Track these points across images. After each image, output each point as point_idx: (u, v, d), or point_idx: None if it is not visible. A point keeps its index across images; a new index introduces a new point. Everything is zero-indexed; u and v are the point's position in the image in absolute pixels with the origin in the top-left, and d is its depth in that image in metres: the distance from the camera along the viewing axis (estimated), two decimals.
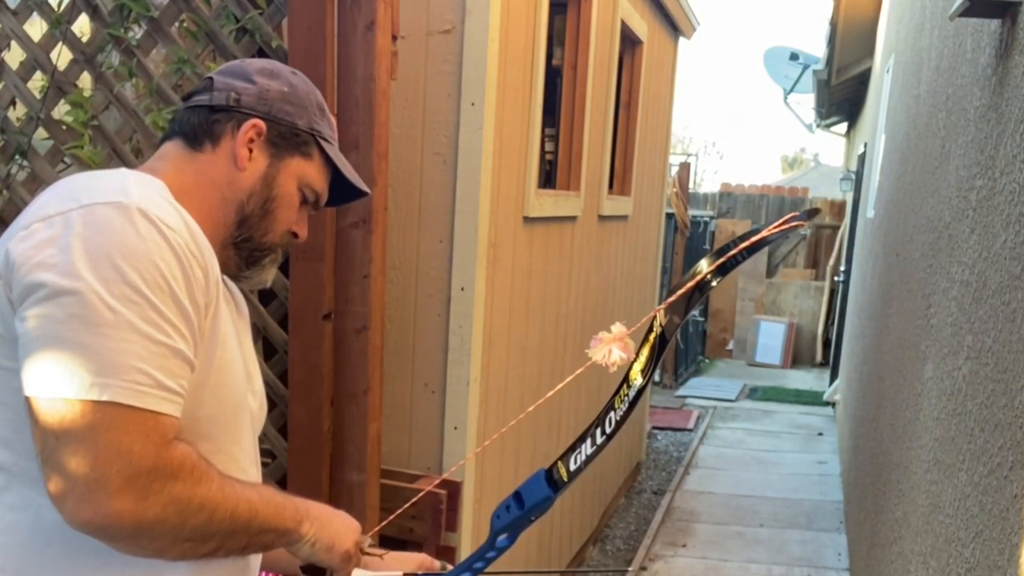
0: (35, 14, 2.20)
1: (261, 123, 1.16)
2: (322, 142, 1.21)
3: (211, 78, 1.19)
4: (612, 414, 1.26)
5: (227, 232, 1.16)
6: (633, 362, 1.21)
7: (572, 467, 1.28)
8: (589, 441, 1.27)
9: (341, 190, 1.27)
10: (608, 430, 1.25)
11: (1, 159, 2.23)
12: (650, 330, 1.20)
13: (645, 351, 1.20)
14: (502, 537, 1.31)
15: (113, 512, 0.91)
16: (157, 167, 1.14)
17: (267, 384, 2.16)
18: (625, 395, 1.24)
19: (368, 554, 1.26)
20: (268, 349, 2.20)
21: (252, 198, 1.16)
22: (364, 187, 1.28)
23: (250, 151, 1.16)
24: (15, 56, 2.24)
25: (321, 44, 1.99)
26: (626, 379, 1.23)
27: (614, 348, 1.19)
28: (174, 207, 1.03)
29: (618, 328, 1.19)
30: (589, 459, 1.27)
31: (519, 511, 1.29)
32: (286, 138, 1.18)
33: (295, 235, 1.23)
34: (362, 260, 2.10)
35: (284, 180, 1.18)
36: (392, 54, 2.09)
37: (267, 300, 2.18)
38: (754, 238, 1.11)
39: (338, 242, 2.10)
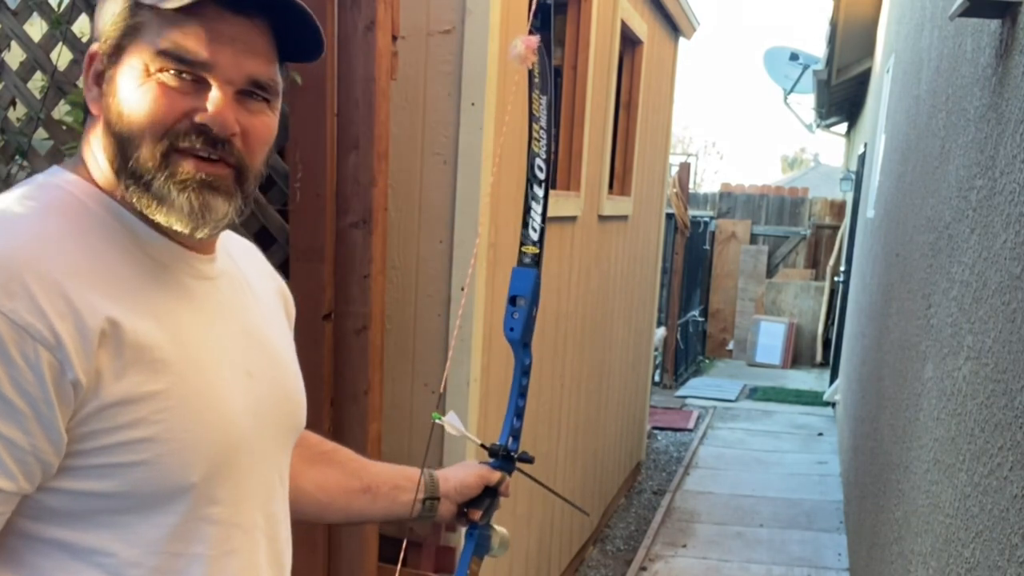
0: (35, 14, 2.20)
1: (95, 47, 0.89)
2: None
3: None
4: (536, 160, 1.27)
5: (118, 183, 0.88)
6: (529, 105, 1.26)
7: (536, 236, 1.28)
8: (534, 205, 1.28)
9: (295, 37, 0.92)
10: (542, 176, 1.27)
11: (1, 159, 2.24)
12: (531, 76, 1.26)
13: (534, 97, 1.27)
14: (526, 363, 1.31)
15: None
16: (80, 152, 0.92)
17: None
18: (538, 135, 1.26)
19: None
20: None
21: (109, 131, 0.88)
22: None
23: (99, 86, 0.89)
24: (15, 56, 2.24)
25: None
26: (531, 118, 1.27)
27: (517, 45, 1.22)
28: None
29: (519, 47, 1.23)
30: (543, 216, 1.28)
31: (525, 309, 1.28)
32: (113, 37, 0.88)
33: (203, 127, 0.86)
34: (362, 260, 2.10)
35: (126, 83, 0.86)
36: (392, 54, 2.09)
37: None
38: None
39: (338, 242, 2.10)
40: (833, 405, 7.40)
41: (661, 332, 8.05)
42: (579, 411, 3.95)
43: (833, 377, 7.87)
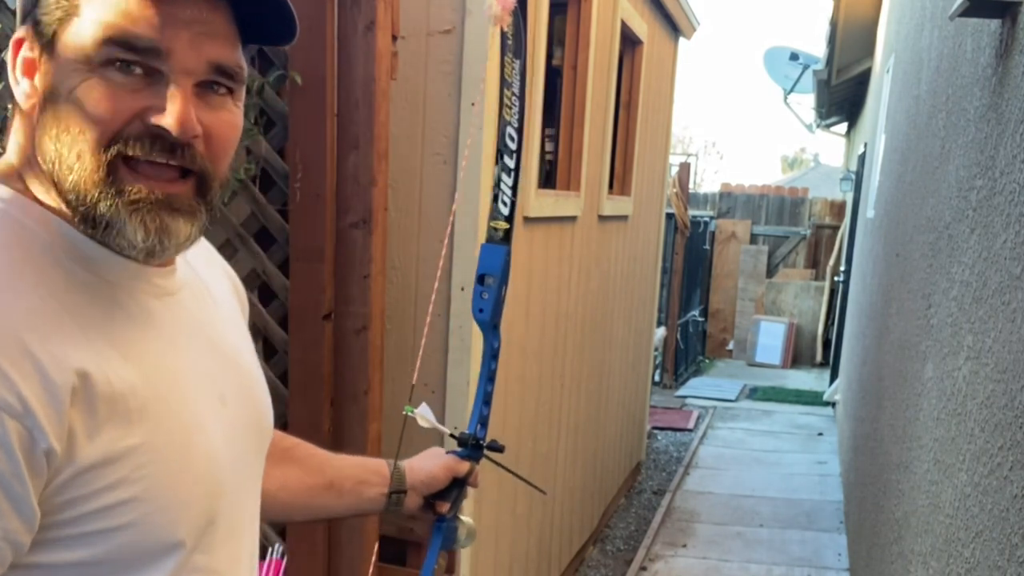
0: None
1: (21, 32, 0.76)
2: None
3: None
4: (508, 129, 1.20)
5: (66, 206, 0.75)
6: (501, 69, 1.19)
7: (505, 211, 1.21)
8: (505, 177, 1.21)
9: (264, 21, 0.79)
10: (513, 146, 1.19)
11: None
12: (503, 40, 1.19)
13: (506, 61, 1.20)
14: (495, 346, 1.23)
15: None
16: (12, 166, 0.78)
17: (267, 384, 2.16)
18: (510, 102, 1.20)
19: None
20: (268, 349, 2.20)
21: (41, 137, 0.74)
22: None
23: (32, 78, 0.75)
24: None
25: (321, 44, 1.99)
26: (503, 83, 1.20)
27: (493, 5, 1.14)
28: None
29: (495, 7, 1.15)
30: (514, 189, 1.21)
31: (495, 289, 1.20)
32: (42, 23, 0.74)
33: (159, 130, 0.73)
34: (362, 260, 2.10)
35: (61, 79, 0.73)
36: (392, 54, 2.09)
37: (267, 300, 2.18)
38: None
39: (338, 242, 2.10)
40: (833, 405, 7.40)
41: (661, 332, 8.05)
42: (579, 411, 3.95)
43: (833, 377, 7.87)
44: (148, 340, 0.79)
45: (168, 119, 0.72)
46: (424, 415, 1.22)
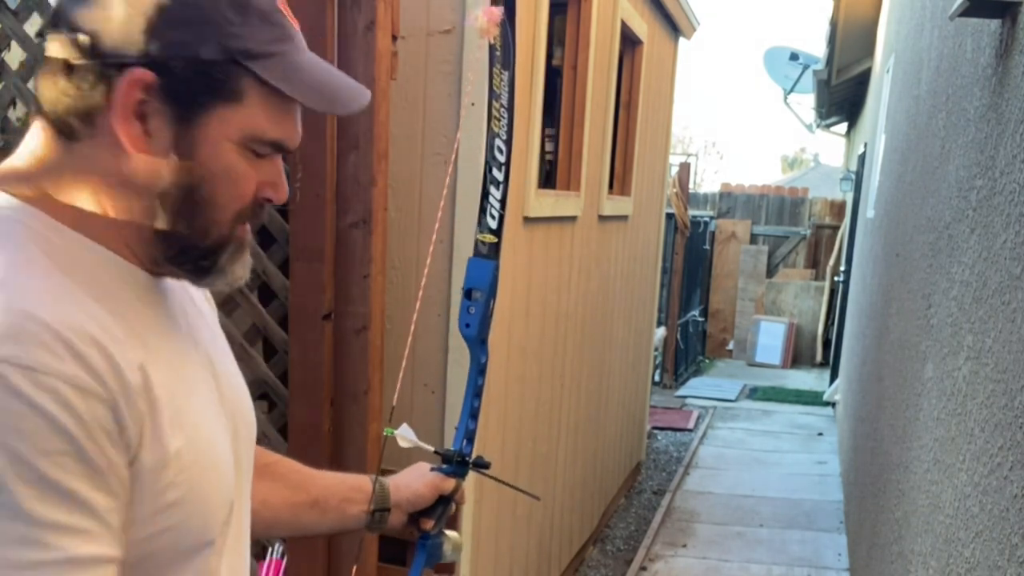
0: (35, 14, 2.20)
1: (147, 74, 0.73)
2: (253, 63, 0.76)
3: (51, 5, 0.77)
4: (496, 141, 1.20)
5: (154, 249, 0.79)
6: (490, 81, 1.20)
7: (494, 224, 1.20)
8: (493, 189, 1.20)
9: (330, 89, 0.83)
10: (502, 159, 1.19)
11: (1, 159, 2.23)
12: (491, 51, 1.20)
13: (495, 72, 1.21)
14: (483, 361, 1.23)
15: None
16: (14, 171, 0.79)
17: (267, 384, 2.16)
18: (498, 114, 1.20)
19: None
20: (268, 349, 2.20)
21: (168, 193, 0.77)
22: (337, 103, 0.82)
23: (143, 120, 0.75)
24: (15, 56, 2.24)
25: (321, 44, 1.99)
26: (491, 95, 1.20)
27: (479, 17, 1.16)
28: (45, 288, 0.70)
29: (481, 19, 1.17)
30: (503, 202, 1.19)
31: (482, 303, 1.19)
32: (192, 83, 0.74)
33: (266, 200, 0.82)
34: (362, 260, 2.10)
35: (211, 151, 0.77)
36: (392, 54, 2.09)
37: (267, 300, 2.18)
38: None
39: (338, 242, 2.10)
40: (833, 405, 7.40)
41: (661, 332, 8.05)
42: (579, 411, 3.95)
43: (833, 377, 7.87)
44: (173, 347, 0.82)
45: (280, 194, 0.83)
46: (405, 435, 1.21)
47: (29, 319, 0.67)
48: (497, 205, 1.19)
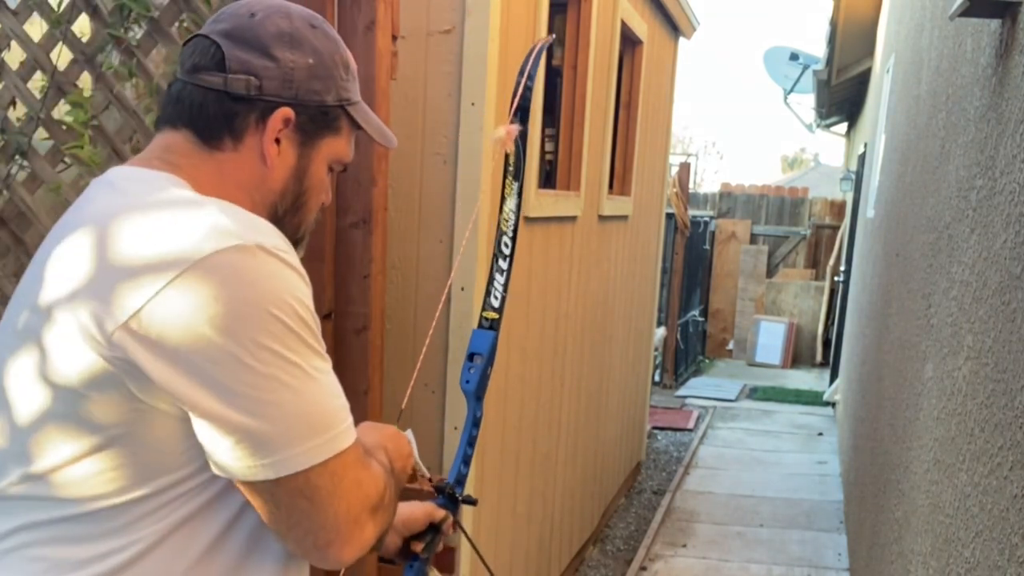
0: (35, 14, 2.20)
1: (290, 111, 1.01)
2: (350, 108, 1.07)
3: (219, 48, 1.00)
4: (504, 238, 1.40)
5: None
6: (503, 188, 1.41)
7: (496, 304, 1.38)
8: (498, 276, 1.39)
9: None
10: (507, 252, 1.39)
11: (1, 159, 2.23)
12: (507, 163, 1.40)
13: (507, 182, 1.41)
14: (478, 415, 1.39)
15: (367, 542, 0.96)
16: (175, 164, 1.00)
17: None
18: (507, 216, 1.40)
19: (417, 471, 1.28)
20: None
21: (285, 196, 1.04)
22: (390, 142, 1.15)
23: (277, 141, 1.02)
24: (15, 56, 2.24)
25: None
26: (502, 199, 1.41)
27: (499, 130, 1.38)
28: (259, 219, 0.95)
29: (500, 131, 1.39)
30: (505, 287, 1.40)
31: (481, 366, 1.37)
32: (315, 120, 1.04)
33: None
34: (362, 260, 2.10)
35: (316, 168, 1.06)
36: (392, 54, 2.09)
37: None
38: (526, 68, 1.41)
39: (338, 242, 2.10)
40: (833, 405, 7.40)
41: (661, 332, 8.05)
42: (579, 411, 3.95)
43: (833, 377, 7.87)
44: None
45: (327, 201, 1.12)
46: (410, 439, 1.28)
47: (279, 233, 0.94)
48: (500, 288, 1.39)
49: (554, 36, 1.92)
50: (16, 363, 0.92)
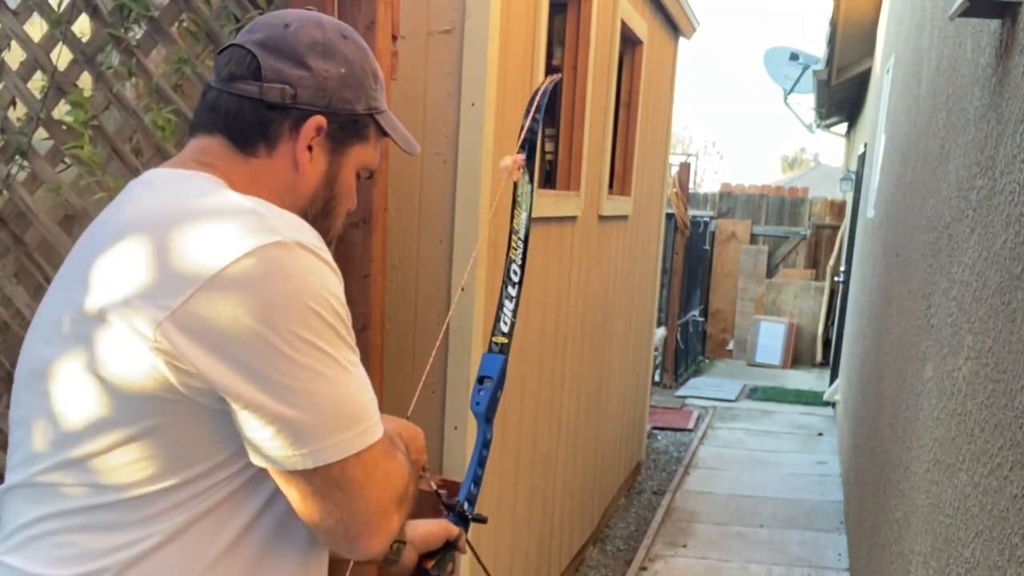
0: (35, 14, 2.20)
1: (322, 120, 1.04)
2: (378, 116, 1.11)
3: (255, 57, 1.03)
4: (512, 266, 1.45)
5: None
6: (511, 219, 1.46)
7: (506, 329, 1.43)
8: (507, 302, 1.44)
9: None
10: (516, 279, 1.44)
11: (1, 159, 2.23)
12: (515, 192, 1.45)
13: (516, 213, 1.46)
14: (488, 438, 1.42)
15: (392, 532, 0.99)
16: (212, 165, 1.03)
17: None
18: (516, 245, 1.45)
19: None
20: None
21: (315, 201, 1.07)
22: (414, 149, 1.19)
23: (310, 149, 1.05)
24: (15, 56, 2.24)
25: None
26: (511, 230, 1.45)
27: (507, 160, 1.44)
28: (296, 218, 0.98)
29: (507, 161, 1.44)
30: (515, 312, 1.44)
31: (491, 389, 1.40)
32: (346, 128, 1.07)
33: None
34: (362, 260, 2.10)
35: (345, 175, 1.09)
36: (392, 54, 2.09)
37: None
38: (534, 104, 1.45)
39: (338, 242, 2.10)
40: (833, 405, 7.40)
41: (661, 332, 8.05)
42: (579, 411, 3.95)
43: (833, 377, 7.87)
44: None
45: (353, 207, 1.15)
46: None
47: (314, 231, 0.96)
48: (510, 315, 1.44)
49: (561, 76, 1.97)
50: (64, 362, 0.95)
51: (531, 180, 1.45)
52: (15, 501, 0.98)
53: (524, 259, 1.44)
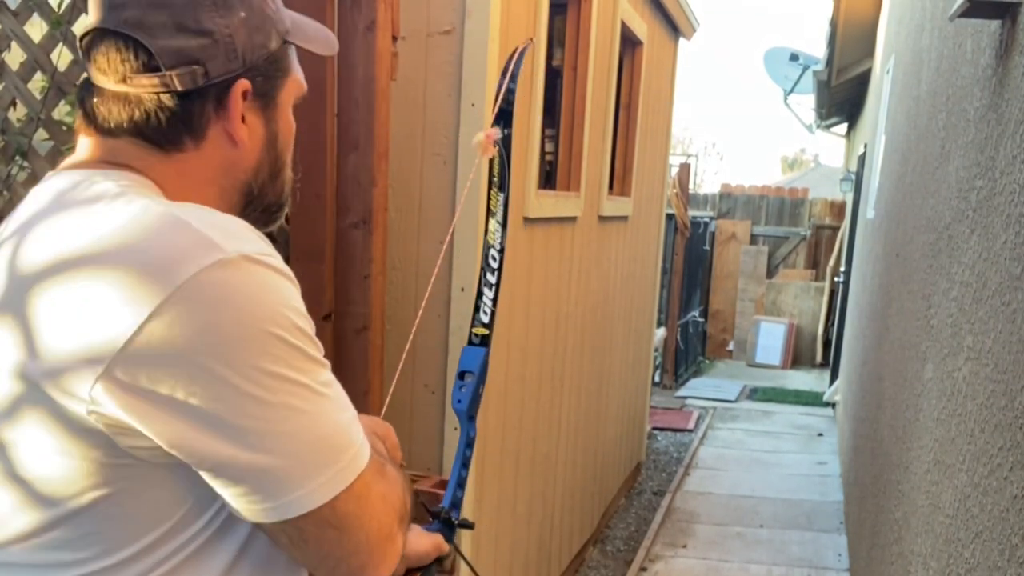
0: (35, 15, 2.20)
1: (245, 82, 0.88)
2: (291, 37, 0.93)
3: (139, 43, 0.82)
4: (491, 251, 1.37)
5: (241, 212, 0.93)
6: (488, 201, 1.38)
7: (486, 319, 1.34)
8: (487, 290, 1.35)
9: None
10: (495, 265, 1.36)
11: (1, 160, 2.24)
12: (491, 171, 1.37)
13: (492, 194, 1.38)
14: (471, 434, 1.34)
15: (398, 553, 0.90)
16: (127, 165, 0.86)
17: None
18: (494, 228, 1.37)
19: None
20: None
21: (260, 171, 0.93)
22: (334, 46, 1.01)
23: (243, 118, 0.89)
24: (15, 57, 2.24)
25: None
26: (488, 212, 1.38)
27: (479, 135, 1.34)
28: (233, 220, 0.83)
29: (480, 136, 1.34)
30: (494, 301, 1.35)
31: (473, 384, 1.31)
32: (269, 75, 0.90)
33: None
34: (362, 260, 2.10)
35: (284, 123, 0.95)
36: (392, 55, 2.09)
37: None
38: (508, 70, 1.38)
39: (338, 242, 2.10)
40: (833, 406, 7.40)
41: (661, 332, 8.05)
42: (579, 411, 3.95)
43: (833, 378, 7.86)
44: None
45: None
46: None
47: (255, 231, 0.82)
48: (489, 304, 1.34)
49: (532, 40, 1.89)
50: None
51: (508, 154, 1.35)
52: None
53: (503, 244, 1.35)
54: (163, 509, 0.80)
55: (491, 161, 1.35)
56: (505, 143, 1.35)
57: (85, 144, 0.88)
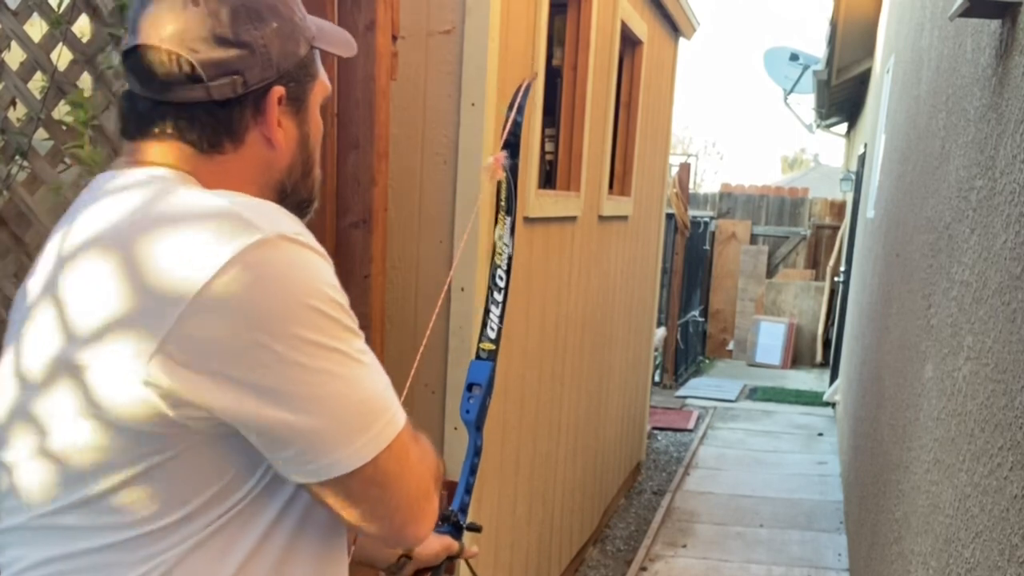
0: (35, 14, 2.20)
1: (281, 88, 0.95)
2: (317, 42, 1.01)
3: (187, 60, 0.90)
4: (498, 271, 1.44)
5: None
6: (495, 223, 1.45)
7: (493, 335, 1.41)
8: (493, 308, 1.43)
9: None
10: (502, 284, 1.43)
11: (1, 159, 2.23)
12: (499, 195, 1.43)
13: (500, 217, 1.45)
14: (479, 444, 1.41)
15: (435, 512, 0.98)
16: (170, 165, 0.93)
17: None
18: (500, 250, 1.44)
19: None
20: None
21: (293, 170, 1.00)
22: (353, 49, 1.07)
23: (279, 123, 0.97)
24: (15, 57, 2.24)
25: None
26: (496, 235, 1.45)
27: (488, 159, 1.42)
28: (269, 204, 0.90)
29: (489, 160, 1.43)
30: (501, 318, 1.42)
31: (480, 396, 1.39)
32: (300, 80, 0.98)
33: None
34: (362, 260, 2.10)
35: (314, 124, 1.02)
36: (392, 54, 2.09)
37: None
38: (515, 103, 1.44)
39: (338, 242, 2.10)
40: (833, 405, 7.40)
41: (661, 332, 8.05)
42: (579, 411, 3.95)
43: (833, 377, 7.87)
44: None
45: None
46: None
47: (290, 214, 0.89)
48: (496, 320, 1.41)
49: (536, 74, 1.96)
50: (52, 407, 0.87)
51: (515, 181, 1.43)
52: (14, 544, 0.92)
53: (510, 265, 1.43)
54: (211, 475, 0.87)
55: (499, 185, 1.42)
56: (512, 172, 1.42)
57: (129, 149, 0.97)
